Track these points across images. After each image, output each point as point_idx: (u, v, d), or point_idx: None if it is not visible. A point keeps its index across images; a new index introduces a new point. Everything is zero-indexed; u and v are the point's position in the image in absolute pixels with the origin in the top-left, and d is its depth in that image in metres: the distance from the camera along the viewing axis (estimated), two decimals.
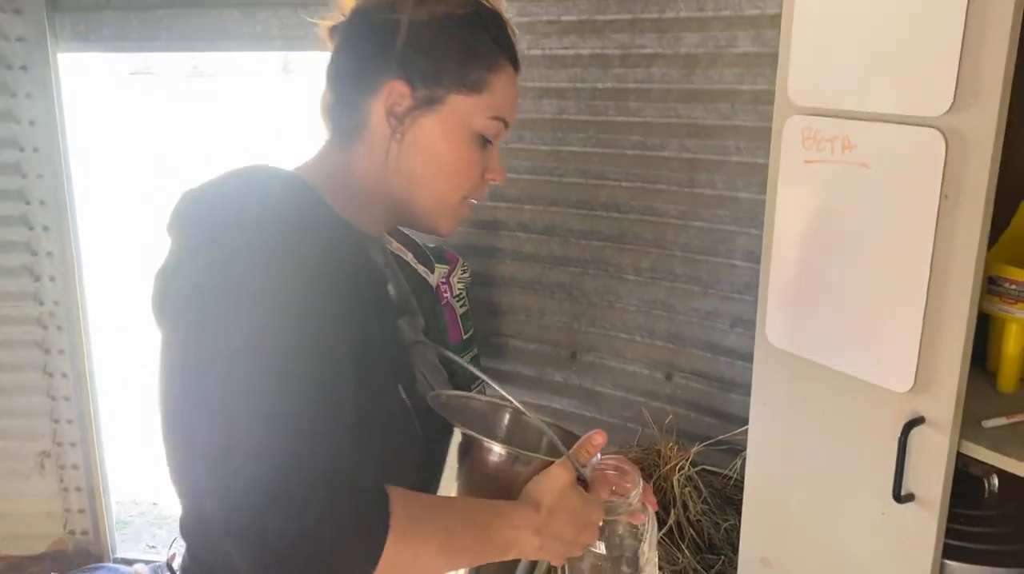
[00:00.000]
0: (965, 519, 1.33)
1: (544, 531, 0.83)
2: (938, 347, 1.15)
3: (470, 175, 0.98)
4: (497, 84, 0.96)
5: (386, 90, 0.94)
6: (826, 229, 1.28)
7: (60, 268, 2.66)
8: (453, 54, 0.94)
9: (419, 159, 0.96)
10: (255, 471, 0.70)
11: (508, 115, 0.99)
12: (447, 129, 0.95)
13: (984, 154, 1.07)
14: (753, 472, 1.46)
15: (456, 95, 0.94)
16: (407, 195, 0.98)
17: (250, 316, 0.77)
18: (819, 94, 1.26)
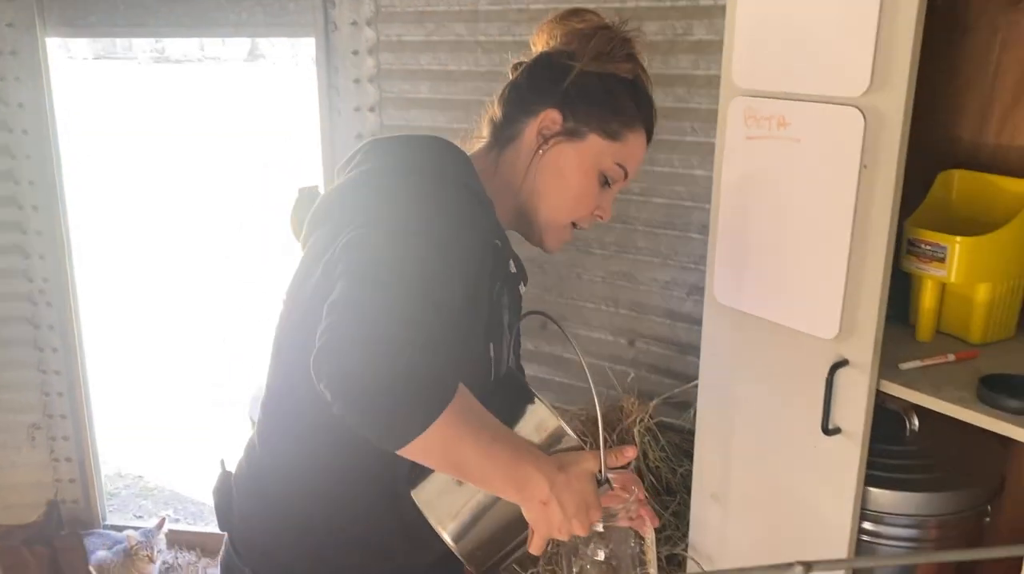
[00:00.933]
0: (888, 454, 1.50)
1: (556, 491, 0.95)
2: (859, 298, 1.32)
3: (585, 204, 1.17)
4: (630, 140, 1.17)
5: (543, 115, 1.13)
6: (764, 197, 1.44)
7: (50, 246, 2.76)
8: (605, 104, 1.14)
9: (549, 177, 1.15)
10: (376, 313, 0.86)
11: (630, 167, 1.19)
12: (580, 160, 1.14)
13: (896, 128, 1.24)
14: (703, 416, 1.63)
15: (596, 136, 1.14)
16: (530, 204, 1.16)
17: (416, 221, 0.96)
18: (759, 77, 1.42)
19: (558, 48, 1.18)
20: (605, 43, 1.16)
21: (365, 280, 0.90)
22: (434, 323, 0.89)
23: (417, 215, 0.97)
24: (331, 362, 0.85)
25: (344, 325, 0.86)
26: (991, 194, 1.53)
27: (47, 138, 2.67)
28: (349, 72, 2.51)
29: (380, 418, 0.85)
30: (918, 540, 1.47)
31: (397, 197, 1.00)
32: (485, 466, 0.94)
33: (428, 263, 0.92)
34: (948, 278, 1.44)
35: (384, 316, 0.86)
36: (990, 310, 1.47)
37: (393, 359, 0.83)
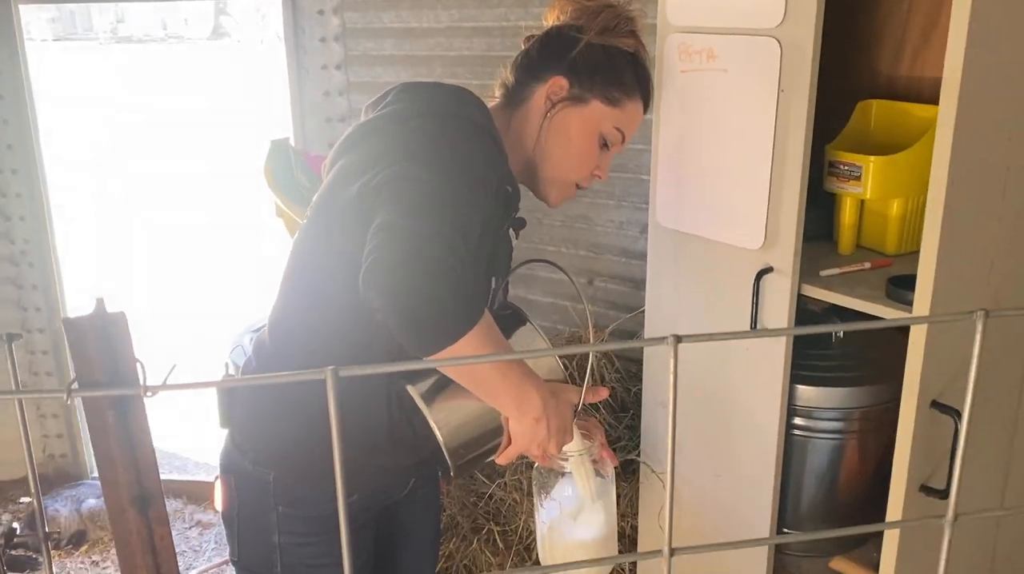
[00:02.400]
0: (816, 357, 1.67)
1: (547, 411, 1.11)
2: (780, 211, 1.48)
3: (586, 163, 1.31)
4: (629, 107, 1.32)
5: (552, 81, 1.29)
6: (697, 125, 1.59)
7: (30, 208, 2.85)
8: (607, 73, 1.29)
9: (555, 137, 1.29)
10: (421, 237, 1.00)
11: (628, 132, 1.33)
12: (582, 123, 1.29)
13: (807, 55, 1.38)
14: (649, 330, 1.79)
15: (598, 102, 1.29)
16: (537, 162, 1.31)
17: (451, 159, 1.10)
18: (690, 15, 1.56)
19: (567, 22, 1.33)
20: (611, 19, 1.31)
21: (411, 207, 1.04)
22: (466, 250, 1.03)
23: (451, 154, 1.12)
24: (382, 275, 0.99)
25: (393, 245, 1.00)
26: (904, 120, 1.69)
27: (23, 103, 2.75)
28: (315, 31, 2.62)
29: (421, 326, 0.99)
30: (843, 431, 1.64)
31: (434, 135, 1.14)
32: (496, 380, 1.09)
33: (461, 196, 1.07)
34: (864, 194, 1.60)
35: (427, 240, 1.00)
36: (903, 223, 1.62)
37: (436, 277, 0.98)
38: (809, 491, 1.71)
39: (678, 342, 0.68)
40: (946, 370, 1.32)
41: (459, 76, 2.53)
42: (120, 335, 0.57)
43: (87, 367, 0.57)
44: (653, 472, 1.84)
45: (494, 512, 2.06)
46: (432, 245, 0.99)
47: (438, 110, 1.20)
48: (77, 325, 0.56)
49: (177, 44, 20.20)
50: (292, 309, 1.24)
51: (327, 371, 0.60)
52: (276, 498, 1.23)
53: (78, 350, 0.57)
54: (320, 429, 1.22)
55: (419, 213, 1.03)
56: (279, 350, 1.25)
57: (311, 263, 1.22)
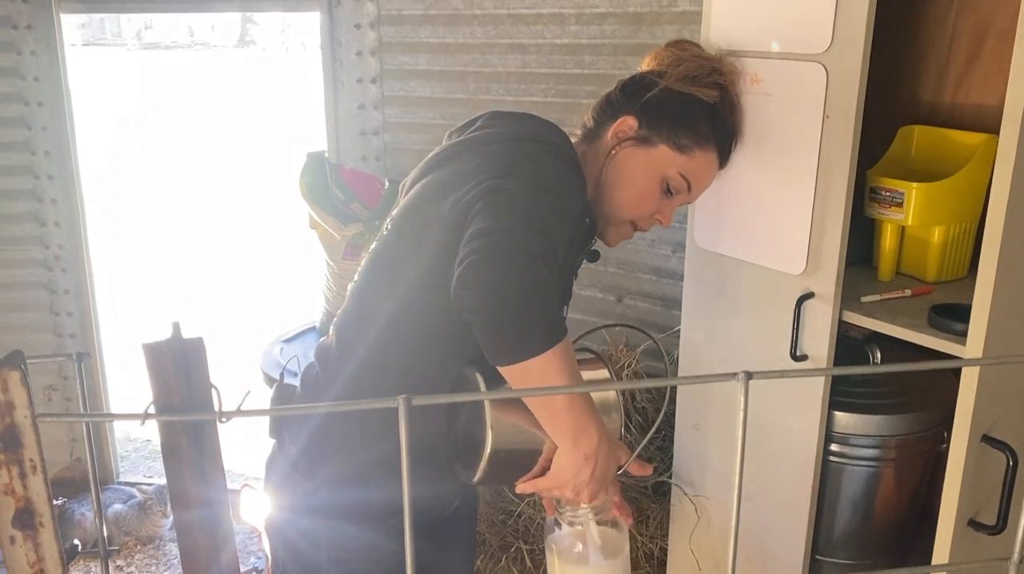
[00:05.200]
0: (853, 382, 1.65)
1: (599, 453, 1.08)
2: (823, 237, 1.47)
3: (645, 204, 1.31)
4: (699, 156, 1.32)
5: (621, 120, 1.31)
6: (740, 148, 1.58)
7: (65, 214, 2.88)
8: (679, 119, 1.30)
9: (617, 175, 1.31)
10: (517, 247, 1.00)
11: (695, 182, 1.33)
12: (646, 164, 1.30)
13: (854, 81, 1.38)
14: (685, 350, 1.78)
15: (665, 146, 1.30)
16: (599, 196, 1.31)
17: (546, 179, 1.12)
18: (734, 39, 1.56)
19: (654, 68, 1.36)
20: (695, 68, 1.33)
21: (508, 217, 1.04)
22: (556, 266, 1.03)
23: (546, 175, 1.13)
24: (474, 278, 0.98)
25: (489, 249, 1.00)
26: (946, 147, 1.68)
27: (61, 110, 2.79)
28: (352, 45, 2.64)
29: (508, 334, 0.98)
30: (879, 459, 1.62)
31: (528, 156, 1.16)
32: (563, 405, 1.05)
33: (555, 213, 1.08)
34: (906, 221, 1.59)
35: (522, 250, 1.00)
36: (944, 251, 1.61)
37: (528, 287, 0.98)
38: (843, 518, 1.69)
39: (749, 378, 0.67)
40: (998, 403, 1.31)
41: (493, 92, 2.54)
42: (197, 360, 0.58)
43: (164, 391, 0.58)
44: (685, 495, 1.83)
45: (523, 530, 2.05)
46: (527, 255, 0.99)
47: (530, 135, 1.22)
48: (156, 349, 0.56)
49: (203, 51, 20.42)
50: (372, 318, 1.22)
51: (400, 400, 0.60)
52: (327, 515, 1.24)
53: (156, 374, 0.57)
54: (372, 450, 1.23)
55: (516, 224, 1.03)
56: (348, 357, 1.24)
57: (397, 274, 1.21)
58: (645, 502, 1.96)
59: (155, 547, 2.94)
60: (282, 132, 9.44)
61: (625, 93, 1.34)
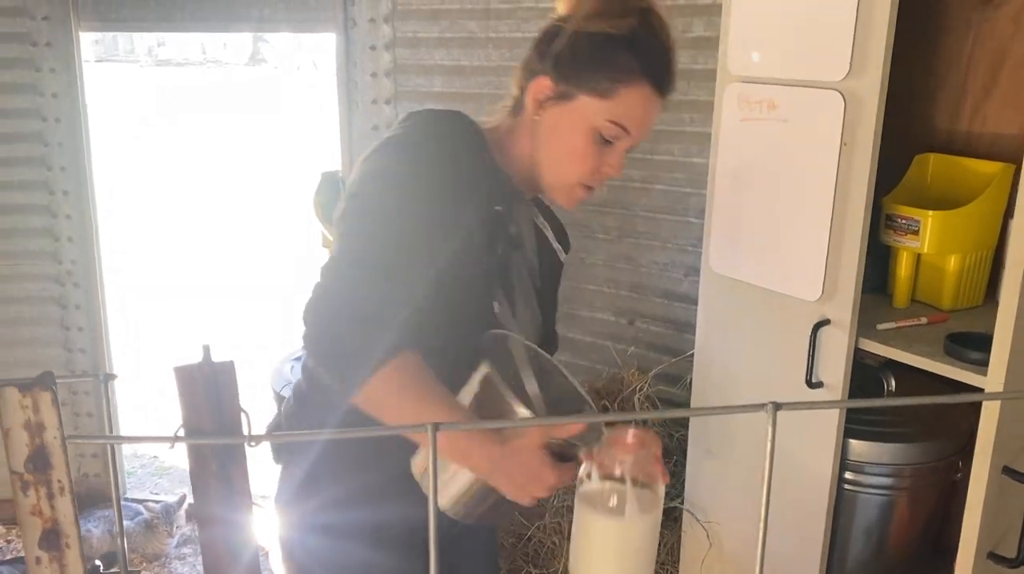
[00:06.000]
0: (868, 410, 1.65)
1: (497, 463, 1.01)
2: (839, 264, 1.47)
3: (583, 163, 1.19)
4: (625, 96, 1.15)
5: (534, 83, 1.18)
6: (756, 174, 1.59)
7: (78, 230, 2.90)
8: (594, 63, 1.15)
9: (547, 139, 1.19)
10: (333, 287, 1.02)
11: (630, 123, 1.17)
12: (571, 122, 1.17)
13: (872, 109, 1.38)
14: (699, 375, 1.78)
15: (585, 96, 1.16)
16: (537, 166, 1.21)
17: (389, 205, 1.07)
18: (751, 65, 1.57)
19: (563, 13, 1.20)
20: (597, 2, 1.16)
21: (350, 251, 1.06)
22: (406, 281, 1.03)
23: (415, 175, 1.09)
24: (305, 317, 1.01)
25: (318, 291, 1.02)
26: (962, 175, 1.68)
27: (78, 126, 2.81)
28: (367, 66, 2.66)
29: (332, 368, 1.01)
30: (893, 488, 1.61)
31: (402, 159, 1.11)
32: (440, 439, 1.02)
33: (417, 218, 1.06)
34: (921, 249, 1.59)
35: (348, 290, 1.01)
36: (959, 279, 1.61)
37: (343, 322, 0.99)
38: (857, 547, 1.68)
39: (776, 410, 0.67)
40: (1018, 435, 1.30)
41: None
42: (228, 384, 0.58)
43: (194, 414, 0.58)
44: (697, 521, 1.82)
45: (532, 554, 2.04)
46: (353, 292, 1.01)
47: (420, 134, 1.16)
48: (186, 372, 0.56)
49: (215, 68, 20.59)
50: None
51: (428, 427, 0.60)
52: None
53: (186, 397, 0.57)
54: (355, 469, 1.22)
55: (356, 255, 1.04)
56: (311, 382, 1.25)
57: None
58: None
59: (160, 565, 2.93)
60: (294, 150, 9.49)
61: (537, 51, 1.21)
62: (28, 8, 2.71)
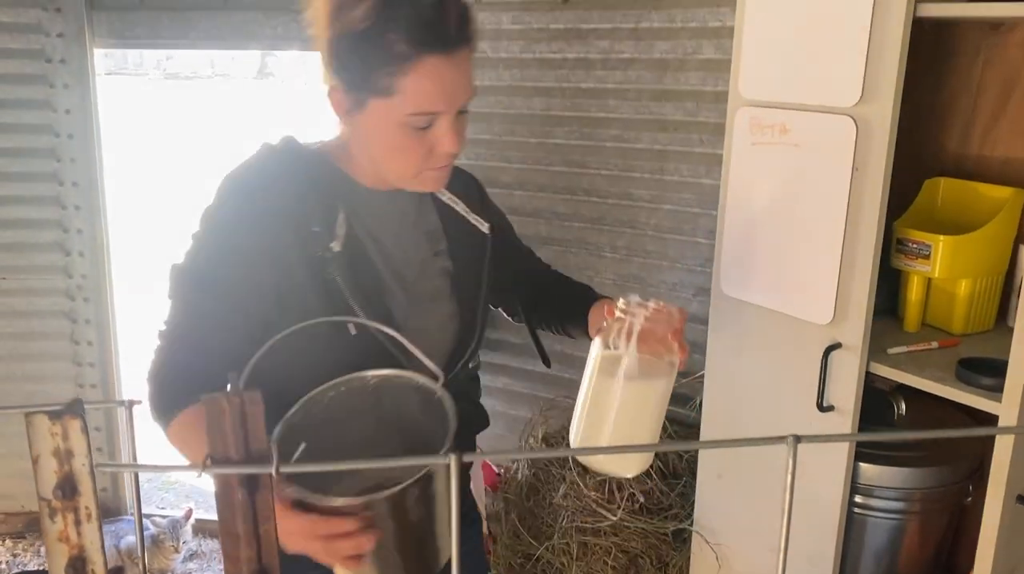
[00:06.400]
0: None
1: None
2: (851, 288, 1.47)
3: (410, 156, 1.13)
4: (409, 86, 1.06)
5: (330, 94, 1.13)
6: (767, 197, 1.60)
7: (89, 244, 2.90)
8: (358, 65, 1.08)
9: (367, 145, 1.15)
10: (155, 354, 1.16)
11: (431, 106, 1.08)
12: (375, 124, 1.12)
13: (883, 135, 1.39)
14: (709, 398, 1.78)
15: (373, 99, 1.09)
16: (376, 167, 1.18)
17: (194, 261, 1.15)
18: (763, 89, 1.58)
19: (323, 19, 1.11)
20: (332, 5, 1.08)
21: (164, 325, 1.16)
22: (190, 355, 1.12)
23: (196, 250, 1.14)
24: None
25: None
26: (972, 199, 1.69)
27: (91, 142, 2.82)
28: None
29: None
30: (904, 512, 1.61)
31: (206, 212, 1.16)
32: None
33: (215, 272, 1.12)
34: (932, 273, 1.59)
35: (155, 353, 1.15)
36: (970, 303, 1.61)
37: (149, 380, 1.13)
38: (866, 570, 1.67)
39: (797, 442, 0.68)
40: None
41: (517, 134, 2.57)
42: (255, 414, 0.58)
43: (222, 444, 0.58)
44: (707, 543, 1.81)
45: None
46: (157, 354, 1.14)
47: (219, 201, 1.16)
48: (215, 402, 0.57)
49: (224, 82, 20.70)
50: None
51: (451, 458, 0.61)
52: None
53: (214, 426, 0.58)
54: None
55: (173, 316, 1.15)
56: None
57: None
58: (665, 549, 1.95)
59: None
60: None
61: (323, 63, 1.13)
62: (43, 25, 2.73)
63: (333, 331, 1.13)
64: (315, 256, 1.12)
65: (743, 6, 1.58)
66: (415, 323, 1.21)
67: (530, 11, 2.47)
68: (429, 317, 1.26)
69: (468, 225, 1.31)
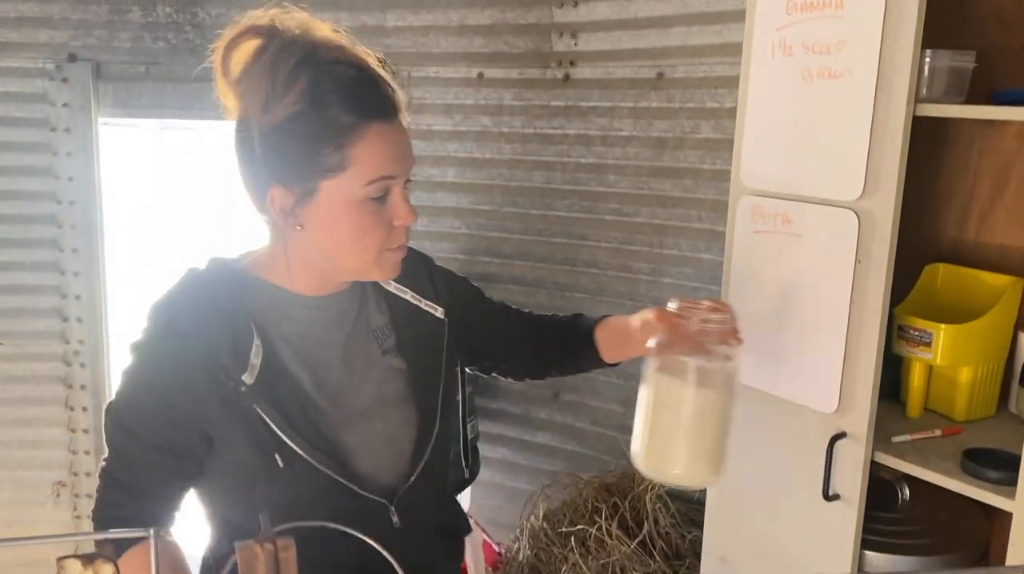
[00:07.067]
0: (883, 520, 1.64)
1: None
2: (855, 377, 1.48)
3: (372, 236, 1.09)
4: (360, 154, 1.04)
5: (269, 197, 1.08)
6: (770, 284, 1.61)
7: (87, 310, 2.90)
8: (301, 150, 1.03)
9: (323, 237, 1.10)
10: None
11: (385, 170, 1.06)
12: (331, 209, 1.06)
13: (886, 229, 1.42)
14: (713, 486, 1.77)
15: (325, 181, 1.05)
16: (332, 263, 1.13)
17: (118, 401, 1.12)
18: (765, 180, 1.61)
19: (239, 121, 1.08)
20: (263, 86, 1.03)
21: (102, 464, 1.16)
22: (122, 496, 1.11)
23: (121, 389, 1.12)
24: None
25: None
26: (971, 286, 1.71)
27: (93, 210, 2.84)
28: None
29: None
30: None
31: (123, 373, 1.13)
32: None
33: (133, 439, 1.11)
34: (934, 361, 1.60)
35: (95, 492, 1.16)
36: (972, 390, 1.62)
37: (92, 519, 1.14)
38: None
39: None
40: None
41: (519, 205, 2.60)
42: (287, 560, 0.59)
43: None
44: None
45: None
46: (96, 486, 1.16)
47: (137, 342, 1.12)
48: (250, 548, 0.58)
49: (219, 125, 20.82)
50: None
51: None
52: None
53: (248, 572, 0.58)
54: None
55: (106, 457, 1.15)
56: None
57: None
58: None
59: None
60: None
61: (244, 166, 1.09)
62: (49, 95, 2.77)
63: (260, 465, 1.10)
64: (228, 389, 1.08)
65: (745, 97, 1.62)
66: (358, 438, 1.17)
67: (531, 88, 2.52)
68: (376, 427, 1.20)
69: (421, 313, 1.26)
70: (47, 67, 2.74)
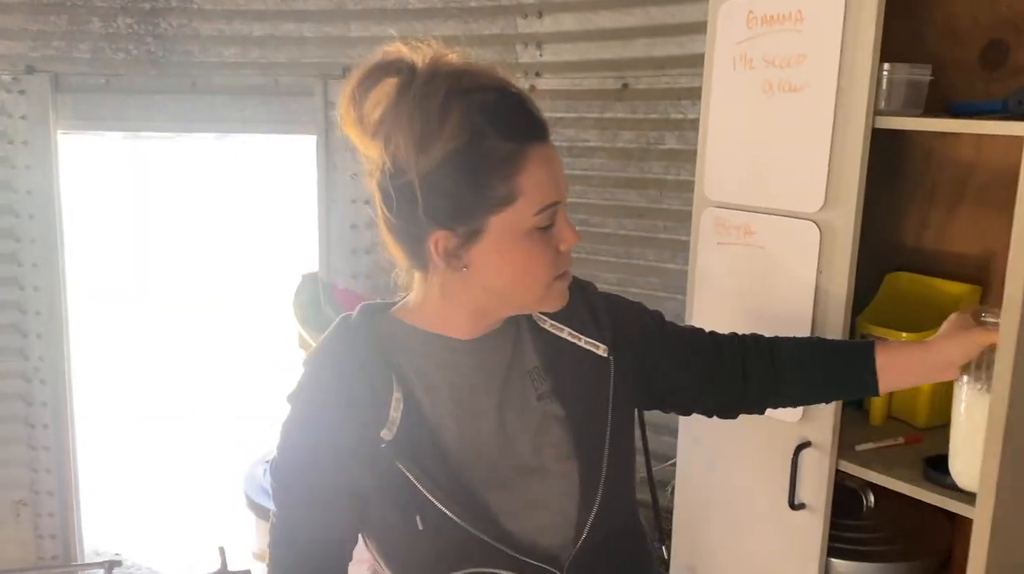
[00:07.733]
0: (848, 528, 1.66)
1: None
2: None
3: (542, 265, 1.02)
4: (526, 183, 0.98)
5: (431, 242, 1.00)
6: (733, 295, 1.63)
7: (47, 326, 2.85)
8: (468, 186, 0.97)
9: (494, 276, 1.02)
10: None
11: (552, 196, 1.00)
12: (502, 246, 1.00)
13: (847, 240, 1.43)
14: (681, 495, 1.78)
15: (493, 217, 0.98)
16: (505, 302, 1.06)
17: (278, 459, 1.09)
18: (727, 192, 1.62)
19: (387, 168, 1.00)
20: (416, 125, 0.96)
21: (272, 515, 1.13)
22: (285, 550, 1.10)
23: (280, 446, 1.08)
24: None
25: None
26: (931, 294, 1.73)
27: (53, 223, 2.79)
28: (346, 167, 2.70)
29: None
30: None
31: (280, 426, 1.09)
32: None
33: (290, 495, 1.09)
34: None
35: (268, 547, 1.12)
36: (933, 397, 1.64)
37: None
38: None
39: None
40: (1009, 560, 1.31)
41: None
42: None
43: None
44: None
45: None
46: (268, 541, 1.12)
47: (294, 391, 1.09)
48: None
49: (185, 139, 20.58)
50: None
51: None
52: None
53: None
54: None
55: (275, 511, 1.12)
56: None
57: None
58: None
59: None
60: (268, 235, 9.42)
61: (398, 218, 1.02)
62: (7, 107, 2.72)
63: (399, 523, 1.04)
64: (369, 445, 1.02)
65: (707, 109, 1.63)
66: (510, 497, 1.07)
67: None
68: (533, 486, 1.08)
69: (581, 352, 1.14)
70: (4, 79, 2.70)
